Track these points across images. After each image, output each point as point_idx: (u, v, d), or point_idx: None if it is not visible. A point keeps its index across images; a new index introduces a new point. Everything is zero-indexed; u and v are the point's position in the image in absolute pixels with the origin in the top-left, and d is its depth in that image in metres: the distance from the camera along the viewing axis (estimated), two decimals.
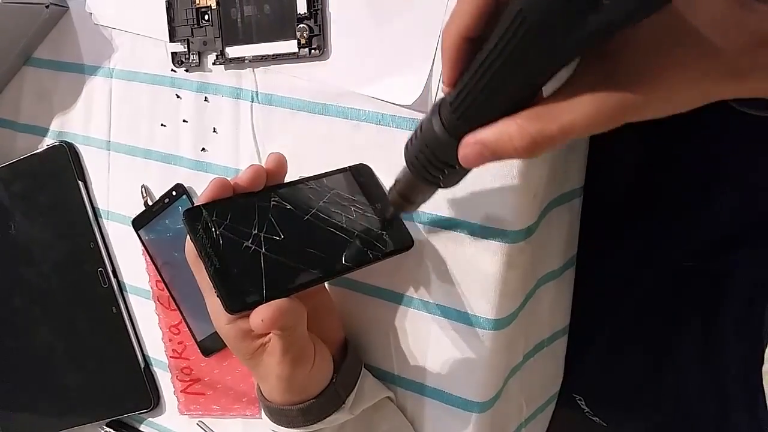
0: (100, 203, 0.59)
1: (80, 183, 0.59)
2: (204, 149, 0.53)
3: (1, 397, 0.66)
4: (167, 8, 0.51)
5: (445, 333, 0.46)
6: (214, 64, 0.51)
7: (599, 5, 0.24)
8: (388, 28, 0.44)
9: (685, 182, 0.54)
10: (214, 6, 0.49)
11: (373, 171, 0.46)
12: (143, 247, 0.57)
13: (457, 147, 0.33)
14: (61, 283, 0.61)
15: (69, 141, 0.60)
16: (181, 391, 0.59)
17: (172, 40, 0.51)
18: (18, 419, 0.65)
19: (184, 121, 0.54)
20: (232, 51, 0.50)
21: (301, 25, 0.46)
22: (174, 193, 0.55)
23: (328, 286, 0.48)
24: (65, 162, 0.59)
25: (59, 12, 0.57)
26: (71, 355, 0.62)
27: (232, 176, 0.41)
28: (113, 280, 0.60)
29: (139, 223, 0.57)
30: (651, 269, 0.57)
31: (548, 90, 0.30)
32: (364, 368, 0.47)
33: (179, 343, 0.58)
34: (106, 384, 0.61)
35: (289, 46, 0.47)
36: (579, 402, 0.62)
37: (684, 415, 0.59)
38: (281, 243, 0.40)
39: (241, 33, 0.49)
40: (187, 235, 0.39)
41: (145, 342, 0.60)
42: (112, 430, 0.63)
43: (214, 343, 0.55)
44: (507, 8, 0.26)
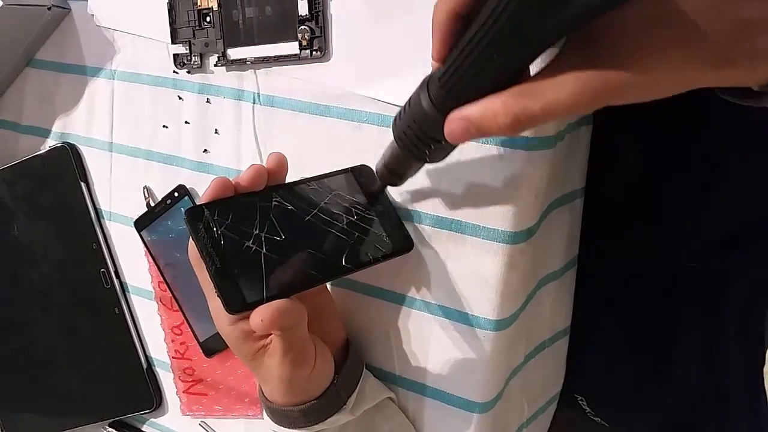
0: (103, 204, 0.60)
1: (82, 184, 0.59)
2: (206, 150, 0.53)
3: (4, 398, 0.66)
4: (169, 10, 0.51)
5: (446, 334, 0.46)
6: (215, 65, 0.51)
7: None
8: (389, 30, 0.44)
9: (686, 183, 0.54)
10: (216, 8, 0.49)
11: (374, 172, 0.46)
12: (145, 248, 0.57)
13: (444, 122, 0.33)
14: (64, 283, 0.61)
15: (71, 142, 0.60)
16: (183, 392, 0.59)
17: (173, 41, 0.52)
18: (21, 420, 0.66)
19: (186, 122, 0.54)
20: (234, 53, 0.50)
21: (303, 27, 0.46)
22: (176, 194, 0.55)
23: (329, 286, 0.48)
24: (67, 163, 0.59)
25: (61, 14, 0.58)
26: (74, 356, 0.62)
27: (234, 177, 0.41)
28: (115, 281, 0.60)
29: (141, 224, 0.57)
30: (652, 270, 0.57)
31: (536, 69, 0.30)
32: (365, 369, 0.47)
33: (181, 343, 0.58)
34: (109, 384, 0.62)
35: (291, 47, 0.47)
36: (580, 402, 0.62)
37: (685, 415, 0.59)
38: (282, 243, 0.40)
39: (243, 35, 0.49)
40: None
41: (148, 343, 0.60)
42: (114, 431, 0.63)
43: (217, 343, 0.56)
44: None
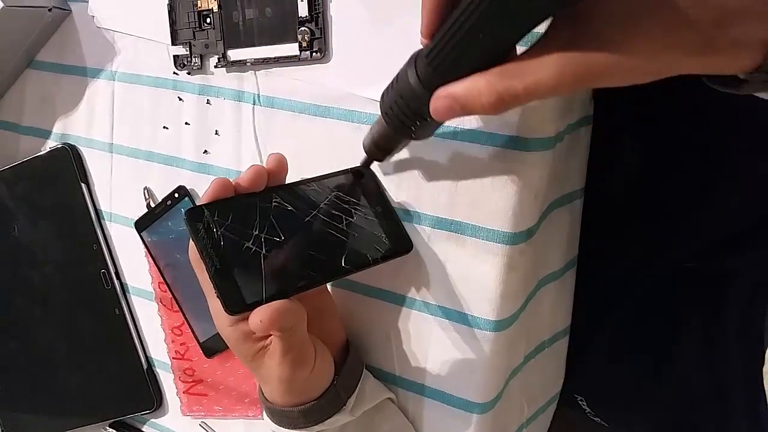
0: (103, 205, 0.60)
1: (83, 185, 0.59)
2: (206, 152, 0.53)
3: (5, 398, 0.66)
4: (169, 11, 0.51)
5: (446, 334, 0.46)
6: (216, 66, 0.51)
7: None
8: (389, 31, 0.44)
9: (686, 183, 0.54)
10: (216, 9, 0.49)
11: (374, 173, 0.46)
12: (146, 249, 0.57)
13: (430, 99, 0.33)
14: (64, 284, 0.61)
15: (72, 143, 0.60)
16: (183, 392, 0.59)
17: (174, 43, 0.52)
18: (21, 420, 0.66)
19: (186, 123, 0.54)
20: (234, 54, 0.50)
21: (303, 28, 0.46)
22: (176, 195, 0.55)
23: (329, 287, 0.48)
24: (68, 164, 0.59)
25: (62, 15, 0.58)
26: (74, 357, 0.62)
27: (234, 178, 0.41)
28: (116, 282, 0.60)
29: (141, 225, 0.57)
30: (652, 270, 0.57)
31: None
32: (365, 369, 0.47)
33: (182, 344, 0.58)
34: (109, 385, 0.62)
35: (291, 49, 0.47)
36: (580, 402, 0.62)
37: (685, 415, 0.59)
38: (282, 244, 0.40)
39: (243, 36, 0.49)
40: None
41: (148, 343, 0.60)
42: (115, 431, 0.63)
43: (217, 344, 0.56)
44: None
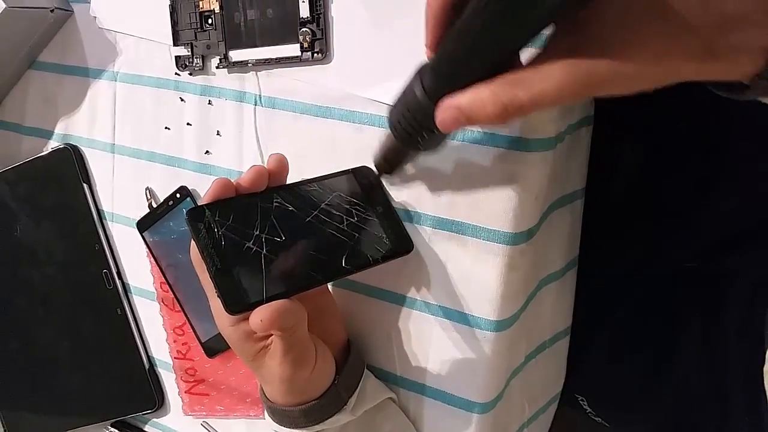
0: (105, 205, 0.60)
1: (85, 185, 0.59)
2: (208, 152, 0.54)
3: (7, 398, 0.66)
4: (171, 12, 0.51)
5: (447, 334, 0.46)
6: (217, 67, 0.51)
7: None
8: (390, 32, 0.44)
9: (686, 183, 0.54)
10: (218, 10, 0.50)
11: (375, 173, 0.46)
12: (148, 249, 0.57)
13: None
14: (66, 284, 0.61)
15: (74, 144, 0.60)
16: (185, 392, 0.59)
17: (175, 43, 0.52)
18: (23, 420, 0.66)
19: (188, 124, 0.54)
20: (236, 54, 0.50)
21: (304, 29, 0.46)
22: (178, 195, 0.55)
23: (330, 287, 0.48)
24: (70, 165, 0.59)
25: (64, 16, 0.58)
26: (76, 356, 0.62)
27: (235, 179, 0.41)
28: (118, 282, 0.60)
29: (143, 225, 0.57)
30: (652, 270, 0.57)
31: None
32: (366, 369, 0.48)
33: (183, 344, 0.58)
34: (111, 385, 0.62)
35: (292, 49, 0.47)
36: (581, 402, 0.62)
37: (685, 415, 0.59)
38: (282, 244, 0.40)
39: (245, 37, 0.49)
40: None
41: (150, 343, 0.61)
42: (116, 431, 0.63)
43: (218, 344, 0.56)
44: None
